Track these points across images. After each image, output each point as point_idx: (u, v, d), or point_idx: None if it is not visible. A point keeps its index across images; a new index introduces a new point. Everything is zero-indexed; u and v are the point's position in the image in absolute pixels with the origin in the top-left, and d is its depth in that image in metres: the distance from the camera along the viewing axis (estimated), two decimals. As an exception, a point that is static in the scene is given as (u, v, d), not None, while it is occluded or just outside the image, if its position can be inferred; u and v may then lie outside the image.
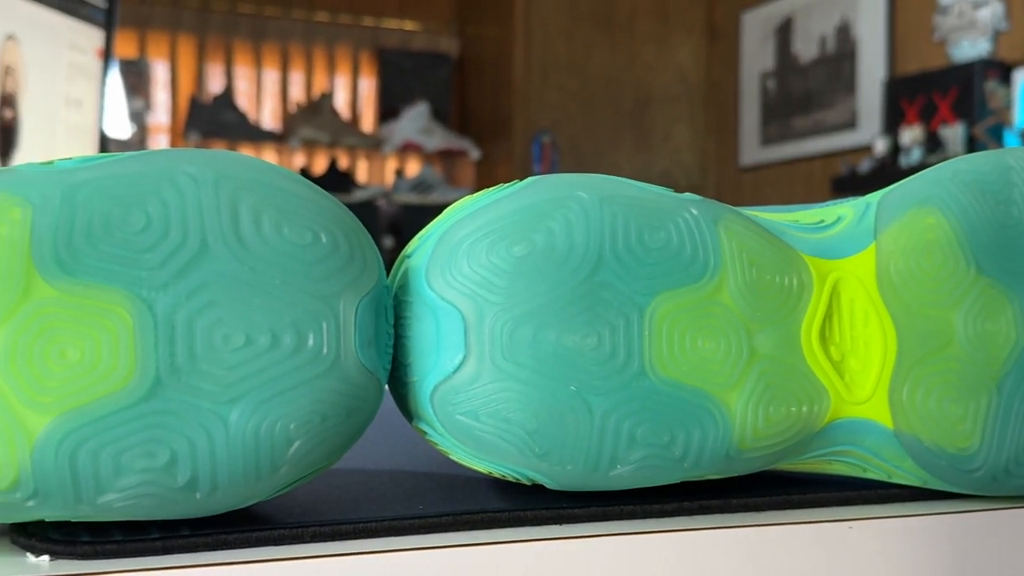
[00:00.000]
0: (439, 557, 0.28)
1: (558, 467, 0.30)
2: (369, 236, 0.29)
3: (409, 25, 3.69)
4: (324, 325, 0.27)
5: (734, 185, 3.75)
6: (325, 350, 0.27)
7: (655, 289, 0.30)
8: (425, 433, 0.31)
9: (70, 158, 0.27)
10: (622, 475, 0.30)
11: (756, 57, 3.73)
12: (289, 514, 0.29)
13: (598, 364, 0.29)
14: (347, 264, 0.28)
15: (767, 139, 3.68)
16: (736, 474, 0.32)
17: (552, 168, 3.41)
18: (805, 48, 3.55)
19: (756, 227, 0.32)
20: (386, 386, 0.30)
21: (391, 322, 0.30)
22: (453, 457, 0.31)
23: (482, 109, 3.67)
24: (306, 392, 0.27)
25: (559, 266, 0.29)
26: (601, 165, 3.52)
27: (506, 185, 0.31)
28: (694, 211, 0.31)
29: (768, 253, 0.32)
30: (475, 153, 3.56)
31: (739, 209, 0.34)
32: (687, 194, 0.32)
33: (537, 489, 0.32)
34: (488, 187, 0.32)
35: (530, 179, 0.31)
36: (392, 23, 3.67)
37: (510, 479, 0.31)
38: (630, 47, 3.65)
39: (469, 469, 0.32)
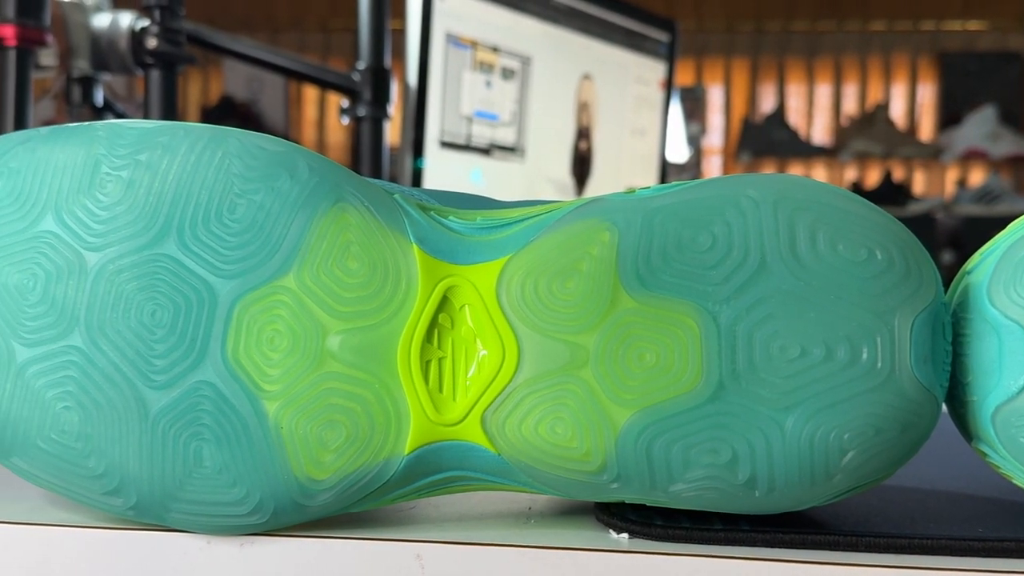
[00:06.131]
0: (1001, 585, 0.27)
1: None
2: (926, 252, 0.29)
3: (973, 25, 3.42)
4: (878, 340, 0.28)
5: None
6: (879, 364, 0.28)
7: None
8: (986, 455, 0.30)
9: (647, 187, 0.31)
10: None
11: None
12: (843, 522, 0.30)
13: None
14: (903, 280, 0.28)
15: None
16: None
17: None
18: None
19: None
20: (944, 404, 0.30)
21: (949, 339, 0.29)
22: (1016, 482, 0.30)
23: (1062, 108, 3.28)
24: (860, 404, 0.28)
25: None
26: None
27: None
28: None
29: None
30: (1052, 158, 3.19)
31: None
32: None
33: (1120, 527, 0.29)
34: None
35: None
36: (955, 25, 3.44)
37: (1086, 512, 0.29)
38: None
39: (1037, 497, 0.30)
